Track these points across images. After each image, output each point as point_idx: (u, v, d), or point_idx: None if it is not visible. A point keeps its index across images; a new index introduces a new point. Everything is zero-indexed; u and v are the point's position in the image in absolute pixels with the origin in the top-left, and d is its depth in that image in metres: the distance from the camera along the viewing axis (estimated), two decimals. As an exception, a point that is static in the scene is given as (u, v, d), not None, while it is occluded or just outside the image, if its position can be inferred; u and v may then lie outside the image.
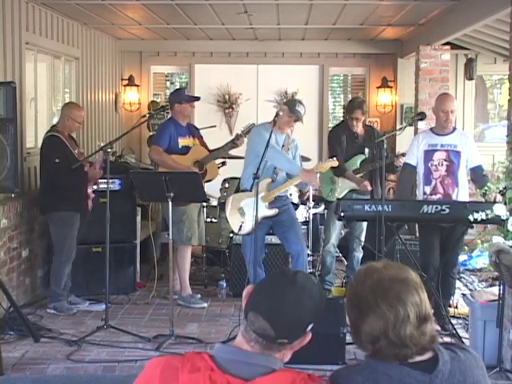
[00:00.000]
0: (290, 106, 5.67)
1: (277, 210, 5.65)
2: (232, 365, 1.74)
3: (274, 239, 6.23)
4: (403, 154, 6.03)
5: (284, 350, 1.77)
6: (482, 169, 5.49)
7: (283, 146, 5.74)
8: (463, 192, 5.51)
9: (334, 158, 5.68)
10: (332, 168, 5.83)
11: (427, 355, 1.77)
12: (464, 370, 1.77)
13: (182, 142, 6.23)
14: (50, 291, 6.04)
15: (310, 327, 1.78)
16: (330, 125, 9.60)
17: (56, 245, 6.01)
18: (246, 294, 1.82)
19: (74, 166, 5.79)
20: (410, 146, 5.71)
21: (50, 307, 5.97)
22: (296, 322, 1.75)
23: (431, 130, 5.66)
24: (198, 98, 6.51)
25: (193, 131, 6.39)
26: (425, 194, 5.52)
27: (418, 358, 1.76)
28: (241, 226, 5.67)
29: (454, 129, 5.58)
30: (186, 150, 6.23)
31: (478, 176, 5.46)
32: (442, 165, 5.49)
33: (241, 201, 5.70)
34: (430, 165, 5.51)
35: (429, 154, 5.52)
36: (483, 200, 5.12)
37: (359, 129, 6.39)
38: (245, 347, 1.77)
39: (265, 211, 5.59)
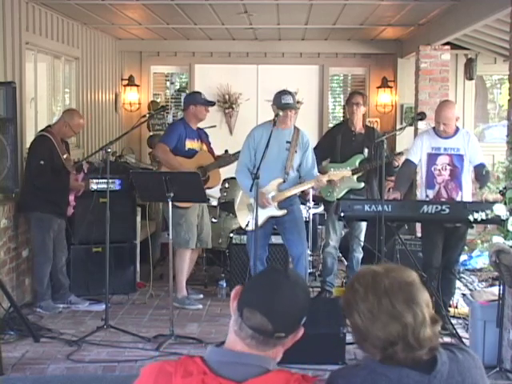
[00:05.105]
0: (275, 102, 5.51)
1: (285, 211, 5.60)
2: (224, 367, 1.75)
3: (275, 239, 6.22)
4: (400, 153, 6.02)
5: (279, 345, 1.79)
6: (484, 166, 5.40)
7: (288, 142, 5.57)
8: (467, 195, 5.47)
9: (348, 168, 5.80)
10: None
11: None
12: (462, 370, 1.77)
13: (189, 144, 6.20)
14: (36, 292, 6.06)
15: (303, 321, 1.81)
16: (330, 125, 9.60)
17: (34, 246, 6.05)
18: (236, 294, 1.83)
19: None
20: (414, 144, 5.68)
21: (36, 307, 5.98)
22: (292, 314, 1.78)
23: (434, 130, 5.54)
24: (213, 103, 6.52)
25: (202, 136, 6.35)
26: (427, 197, 5.48)
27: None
28: (248, 222, 5.66)
29: (457, 130, 5.50)
30: (191, 152, 6.20)
31: (479, 175, 5.40)
32: (446, 169, 5.44)
33: (251, 197, 5.68)
34: (433, 169, 5.46)
35: (432, 158, 5.47)
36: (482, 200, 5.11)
37: (359, 126, 6.36)
38: (238, 347, 1.78)
39: (273, 211, 5.58)
